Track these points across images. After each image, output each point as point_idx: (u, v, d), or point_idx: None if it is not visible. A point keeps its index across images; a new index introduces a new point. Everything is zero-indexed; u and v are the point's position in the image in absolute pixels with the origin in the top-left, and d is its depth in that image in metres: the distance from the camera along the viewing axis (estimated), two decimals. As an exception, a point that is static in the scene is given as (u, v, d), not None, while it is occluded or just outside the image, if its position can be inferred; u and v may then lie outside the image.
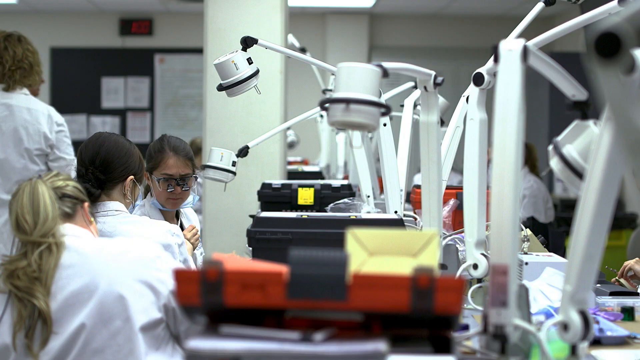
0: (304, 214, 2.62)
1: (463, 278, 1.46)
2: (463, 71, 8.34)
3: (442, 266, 2.41)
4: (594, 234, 1.63)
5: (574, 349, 1.70)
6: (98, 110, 9.04)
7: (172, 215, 3.55)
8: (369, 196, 3.77)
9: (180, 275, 1.49)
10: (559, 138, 1.88)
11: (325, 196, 4.03)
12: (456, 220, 3.40)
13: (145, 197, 3.62)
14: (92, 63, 9.01)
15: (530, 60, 1.72)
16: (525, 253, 2.62)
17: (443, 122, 4.94)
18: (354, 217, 2.60)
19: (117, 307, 2.08)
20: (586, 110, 1.90)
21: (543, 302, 2.28)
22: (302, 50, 5.93)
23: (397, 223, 2.55)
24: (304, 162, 7.21)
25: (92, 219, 2.30)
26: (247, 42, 3.05)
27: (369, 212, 3.64)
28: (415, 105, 4.31)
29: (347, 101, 1.94)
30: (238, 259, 1.73)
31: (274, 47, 3.08)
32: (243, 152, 3.80)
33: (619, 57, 0.95)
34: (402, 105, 3.83)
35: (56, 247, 2.11)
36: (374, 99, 1.95)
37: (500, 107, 1.66)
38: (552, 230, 4.44)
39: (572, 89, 1.90)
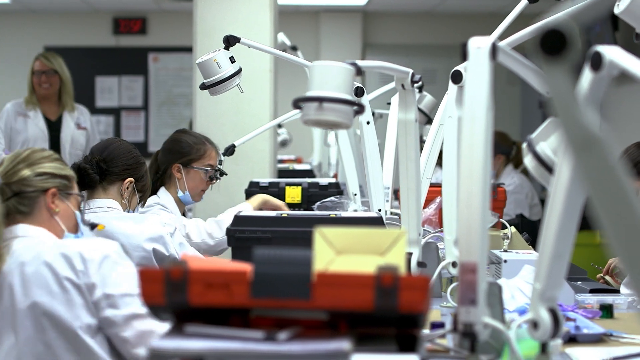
0: (284, 213, 2.62)
1: (428, 276, 1.46)
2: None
3: (421, 264, 2.40)
4: (563, 232, 1.63)
5: (544, 347, 1.69)
6: (92, 110, 8.97)
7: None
8: (355, 194, 3.76)
9: (145, 275, 1.48)
10: (533, 135, 1.88)
11: (313, 194, 4.03)
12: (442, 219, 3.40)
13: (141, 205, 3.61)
14: (86, 62, 9.00)
15: (500, 58, 1.72)
16: (505, 251, 2.62)
17: (431, 120, 4.94)
18: (334, 216, 2.60)
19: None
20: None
21: (521, 299, 2.28)
22: (293, 48, 5.93)
23: (377, 221, 2.55)
24: (298, 161, 7.20)
25: (56, 209, 2.21)
26: (230, 41, 3.05)
27: (355, 210, 3.64)
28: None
29: (321, 100, 1.94)
30: (206, 259, 1.73)
31: (256, 46, 3.08)
32: (229, 150, 3.80)
33: (565, 54, 0.95)
34: (389, 103, 3.83)
35: None
36: (347, 97, 1.94)
37: (468, 105, 1.66)
38: (540, 227, 4.44)
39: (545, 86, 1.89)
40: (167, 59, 9.05)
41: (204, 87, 3.06)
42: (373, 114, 6.09)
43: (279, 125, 6.88)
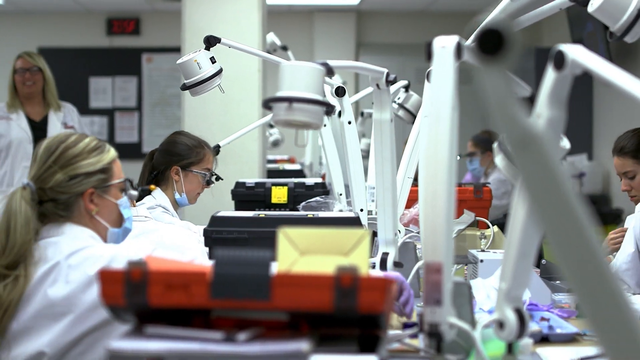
0: (261, 213, 2.61)
1: (387, 277, 1.45)
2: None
3: (398, 264, 2.40)
4: (527, 232, 1.63)
5: (510, 347, 1.69)
6: (86, 110, 9.01)
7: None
8: (341, 194, 3.76)
9: (105, 276, 1.48)
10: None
11: (299, 194, 4.02)
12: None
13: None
14: (79, 63, 9.00)
15: (466, 57, 1.71)
16: (483, 250, 2.62)
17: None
18: (311, 216, 2.59)
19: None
20: (531, 107, 1.90)
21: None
22: (284, 48, 5.92)
23: (354, 222, 2.55)
24: (291, 161, 7.19)
25: (95, 209, 2.09)
26: (210, 41, 3.05)
27: (341, 210, 3.64)
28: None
29: (290, 100, 1.93)
30: (171, 259, 1.72)
31: (237, 46, 3.08)
32: (215, 151, 3.79)
33: (502, 54, 0.94)
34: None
35: (24, 278, 1.98)
36: (317, 97, 1.94)
37: (433, 105, 1.66)
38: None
39: (514, 86, 1.88)
40: (160, 60, 9.05)
41: (184, 87, 3.06)
42: (362, 113, 6.13)
43: (271, 126, 6.88)
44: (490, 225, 3.19)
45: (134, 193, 2.16)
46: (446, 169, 1.64)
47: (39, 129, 5.48)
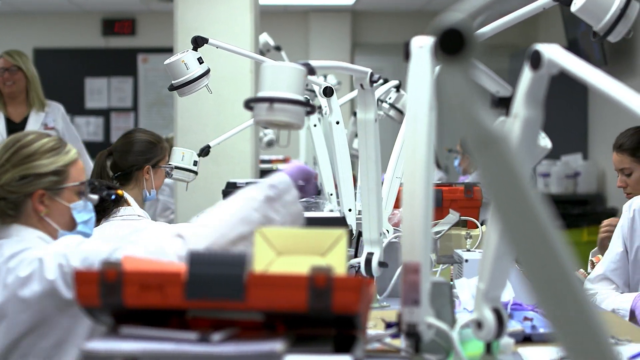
0: (247, 213, 2.60)
1: (362, 277, 1.45)
2: None
3: (382, 264, 2.40)
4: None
5: (488, 347, 1.69)
6: (82, 111, 9.03)
7: None
8: (331, 194, 3.75)
9: (80, 277, 1.48)
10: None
11: (290, 195, 4.01)
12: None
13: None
14: (75, 63, 9.00)
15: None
16: (469, 250, 2.62)
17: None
18: (297, 216, 2.58)
19: None
20: (510, 106, 1.90)
21: (481, 299, 2.27)
22: (277, 48, 5.92)
23: (339, 222, 2.55)
24: (286, 161, 7.19)
25: (44, 210, 2.07)
26: (198, 42, 3.05)
27: (331, 210, 3.63)
28: (380, 102, 4.31)
29: (271, 100, 1.93)
30: (148, 260, 1.72)
31: (225, 47, 3.08)
32: (205, 151, 3.80)
33: (463, 53, 0.94)
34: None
35: None
36: (298, 97, 1.94)
37: (411, 105, 1.66)
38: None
39: (495, 85, 1.89)
40: (156, 60, 9.06)
41: (172, 88, 3.05)
42: (355, 113, 6.12)
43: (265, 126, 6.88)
44: (479, 225, 3.19)
45: (94, 197, 2.13)
46: (424, 169, 1.64)
47: (15, 131, 5.33)
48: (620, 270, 2.79)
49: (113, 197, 2.18)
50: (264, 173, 5.33)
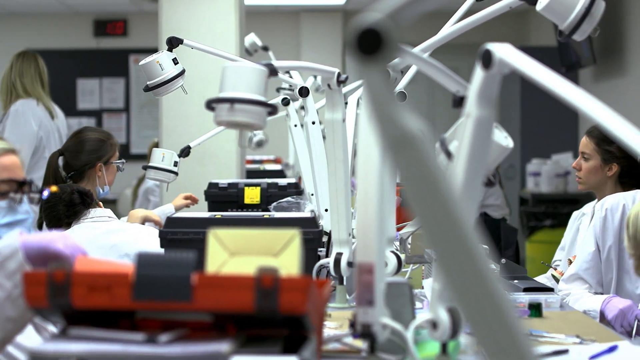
0: (217, 214, 2.61)
1: (309, 278, 1.45)
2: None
3: (351, 264, 2.39)
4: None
5: (444, 348, 1.69)
6: (74, 112, 9.02)
7: None
8: (312, 194, 3.75)
9: (29, 278, 1.48)
10: (446, 134, 1.87)
11: (272, 195, 4.02)
12: (400, 218, 3.39)
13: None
14: (66, 64, 8.99)
15: (401, 57, 1.71)
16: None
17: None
18: (267, 217, 2.59)
19: None
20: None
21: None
22: (265, 48, 5.92)
23: (310, 222, 2.54)
24: (277, 161, 7.19)
25: None
26: (173, 43, 3.05)
27: (312, 211, 3.63)
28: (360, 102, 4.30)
29: (232, 101, 1.93)
30: (101, 261, 1.72)
31: (200, 47, 3.08)
32: (185, 152, 3.79)
33: (381, 54, 0.94)
34: (346, 103, 3.81)
35: None
36: (259, 98, 1.94)
37: (366, 105, 1.65)
38: (504, 226, 4.44)
39: (455, 85, 1.88)
40: (147, 61, 9.05)
41: (147, 89, 3.05)
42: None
43: (255, 126, 6.87)
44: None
45: (16, 196, 2.07)
46: (377, 170, 1.64)
47: None
48: (593, 270, 2.79)
49: (46, 194, 2.16)
50: (250, 173, 5.33)
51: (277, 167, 5.79)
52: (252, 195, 4.05)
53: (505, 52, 1.55)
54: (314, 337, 1.54)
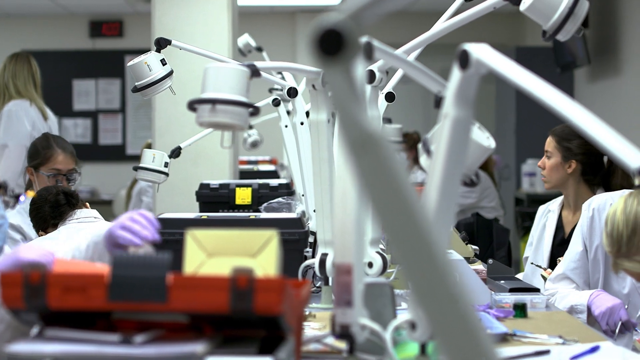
0: (204, 215, 2.61)
1: (284, 279, 1.45)
2: (434, 67, 8.26)
3: (337, 265, 2.39)
4: (437, 232, 1.62)
5: (423, 348, 1.68)
6: (69, 113, 9.03)
7: None
8: (303, 195, 3.75)
9: (5, 279, 1.48)
10: (429, 135, 1.87)
11: (263, 195, 4.02)
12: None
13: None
14: (62, 65, 9.00)
15: (377, 56, 1.71)
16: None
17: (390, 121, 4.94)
18: (253, 217, 2.59)
19: None
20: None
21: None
22: (259, 49, 5.91)
23: (296, 223, 2.54)
24: (273, 162, 7.19)
25: None
26: (161, 43, 3.05)
27: (303, 212, 3.63)
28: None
29: (213, 102, 1.93)
30: (78, 262, 1.72)
31: (188, 48, 3.08)
32: (175, 152, 3.79)
33: (343, 54, 0.94)
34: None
35: None
36: (241, 99, 1.94)
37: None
38: (496, 226, 4.44)
39: (436, 85, 1.88)
40: (143, 62, 9.05)
41: (135, 89, 3.05)
42: (333, 114, 6.12)
43: (250, 126, 6.87)
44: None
45: (8, 200, 2.11)
46: (356, 170, 1.64)
47: None
48: (580, 270, 2.79)
49: (23, 199, 2.17)
50: (243, 174, 5.33)
51: (271, 167, 5.78)
52: (243, 196, 4.04)
53: (482, 53, 1.55)
54: (291, 338, 1.54)
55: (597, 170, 3.32)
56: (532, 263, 3.37)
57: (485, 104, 8.81)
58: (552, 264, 3.31)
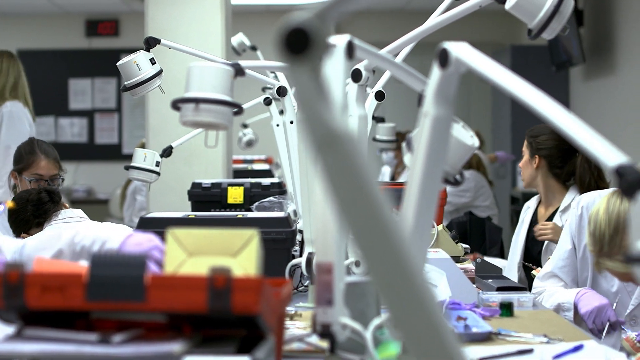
0: (191, 214, 2.61)
1: (262, 278, 1.45)
2: (429, 66, 8.26)
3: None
4: (418, 229, 1.62)
5: (404, 347, 1.68)
6: (66, 112, 9.03)
7: None
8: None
9: (-17, 279, 1.48)
10: (412, 134, 1.87)
11: (255, 194, 4.02)
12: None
13: None
14: (58, 65, 9.00)
15: (361, 57, 1.71)
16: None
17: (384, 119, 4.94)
18: (241, 217, 2.59)
19: None
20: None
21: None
22: (253, 48, 5.91)
23: (283, 222, 2.54)
24: (269, 161, 7.19)
25: None
26: (150, 43, 3.05)
27: (294, 211, 3.63)
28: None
29: (197, 101, 1.93)
30: (60, 262, 1.72)
31: (177, 47, 3.07)
32: (167, 152, 3.78)
33: (309, 53, 0.94)
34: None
35: None
36: (225, 98, 1.94)
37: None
38: (488, 225, 4.44)
39: (419, 84, 1.88)
40: (139, 61, 9.04)
41: (124, 89, 3.05)
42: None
43: (245, 125, 6.88)
44: (434, 224, 3.19)
45: None
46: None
47: None
48: (569, 268, 2.79)
49: (2, 208, 2.18)
50: (237, 173, 5.32)
51: (265, 166, 5.78)
52: (235, 195, 4.04)
53: (462, 51, 1.55)
54: (270, 338, 1.54)
55: (563, 165, 3.44)
56: (522, 262, 3.37)
57: (481, 102, 8.82)
58: (527, 258, 3.42)
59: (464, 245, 3.21)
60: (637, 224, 1.15)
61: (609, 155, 1.26)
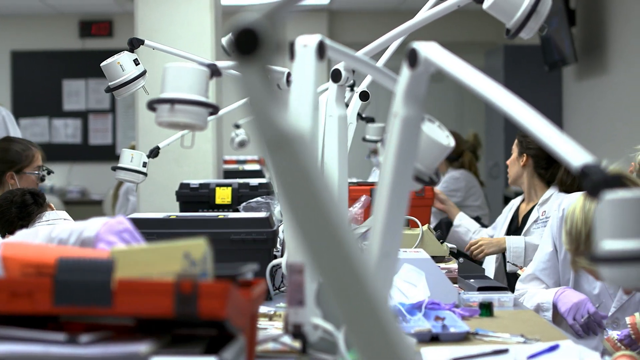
0: (172, 215, 2.61)
1: (228, 283, 1.45)
2: None
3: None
4: (389, 230, 1.62)
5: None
6: (60, 113, 9.02)
7: None
8: (282, 194, 3.75)
9: (-48, 282, 1.47)
10: (387, 134, 1.87)
11: (243, 195, 4.02)
12: (368, 217, 3.40)
13: None
14: (53, 66, 8.99)
15: (333, 57, 1.71)
16: (405, 251, 2.61)
17: (365, 119, 4.93)
18: (222, 217, 2.59)
19: None
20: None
21: (399, 299, 2.27)
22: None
23: (264, 222, 2.54)
24: (260, 161, 7.19)
25: None
26: (134, 43, 3.05)
27: (280, 211, 3.63)
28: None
29: (172, 101, 1.93)
30: (30, 244, 1.72)
31: (161, 48, 3.07)
32: (154, 152, 3.78)
33: (258, 53, 0.94)
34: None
35: None
36: (200, 98, 1.94)
37: (294, 104, 1.65)
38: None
39: (393, 84, 1.88)
40: (133, 61, 9.04)
41: (108, 89, 3.05)
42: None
43: (237, 126, 6.87)
44: (419, 224, 3.19)
45: None
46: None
47: None
48: (550, 270, 2.78)
49: None
50: (228, 174, 5.32)
51: (256, 167, 5.78)
52: (223, 195, 4.04)
53: (431, 51, 1.55)
54: (240, 338, 1.53)
55: (548, 167, 3.50)
56: (508, 262, 3.37)
57: (474, 103, 8.82)
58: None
59: (450, 245, 3.21)
60: (601, 224, 1.15)
61: (574, 155, 1.26)
